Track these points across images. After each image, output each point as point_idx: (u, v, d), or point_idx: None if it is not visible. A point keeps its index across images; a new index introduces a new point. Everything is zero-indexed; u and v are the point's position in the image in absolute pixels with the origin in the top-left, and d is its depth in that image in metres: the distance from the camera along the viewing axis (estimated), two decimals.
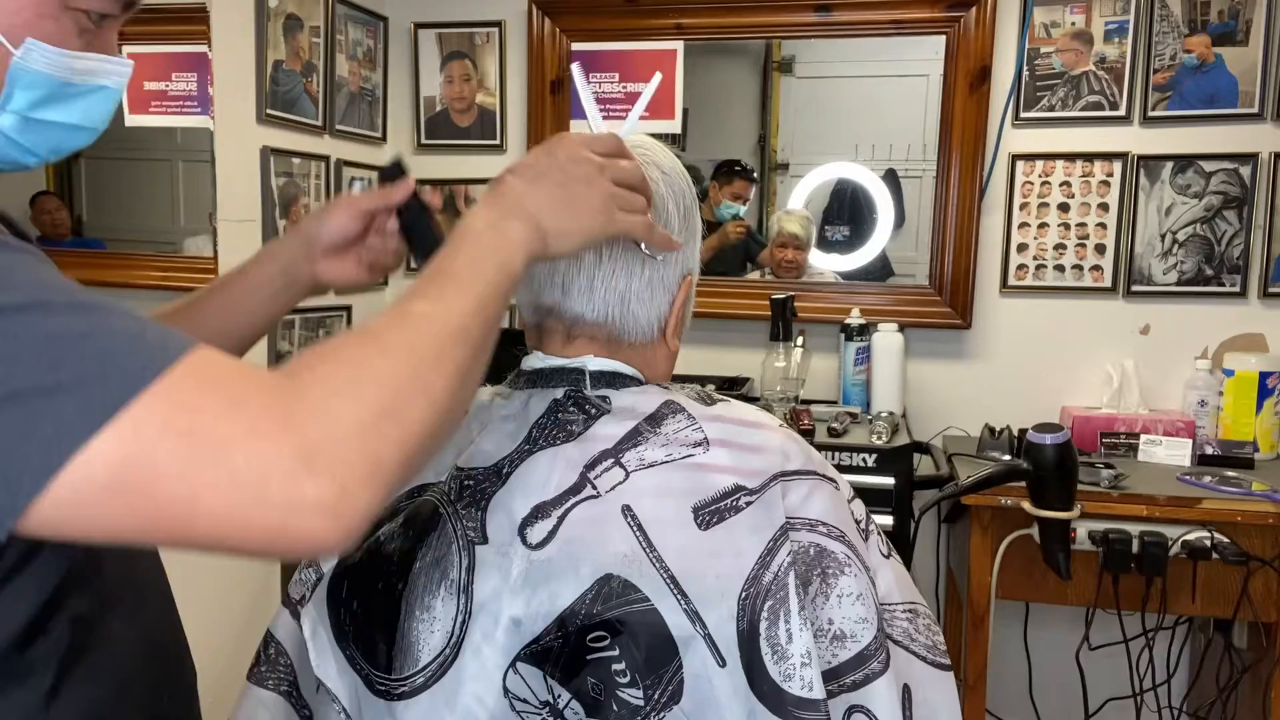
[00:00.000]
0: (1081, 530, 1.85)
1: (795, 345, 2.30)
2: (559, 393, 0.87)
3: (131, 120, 1.97)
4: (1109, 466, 1.97)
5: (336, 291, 1.02)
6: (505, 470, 0.84)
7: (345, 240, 0.97)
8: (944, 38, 2.38)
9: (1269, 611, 1.86)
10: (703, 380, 2.29)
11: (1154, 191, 2.33)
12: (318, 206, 1.02)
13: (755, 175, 2.63)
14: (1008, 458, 2.08)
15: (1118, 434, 2.18)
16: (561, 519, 0.80)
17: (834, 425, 2.10)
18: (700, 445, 0.83)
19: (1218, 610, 1.90)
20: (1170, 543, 1.83)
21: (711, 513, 0.80)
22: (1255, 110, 2.25)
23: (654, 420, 0.84)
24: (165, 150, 2.07)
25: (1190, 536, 1.83)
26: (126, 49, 2.17)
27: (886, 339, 2.32)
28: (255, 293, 0.98)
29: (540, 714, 0.79)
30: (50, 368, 0.53)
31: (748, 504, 0.81)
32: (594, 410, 0.85)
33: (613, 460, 0.82)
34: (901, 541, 1.96)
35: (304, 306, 2.29)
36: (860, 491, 0.95)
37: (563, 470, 0.82)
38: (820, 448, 1.53)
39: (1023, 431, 1.92)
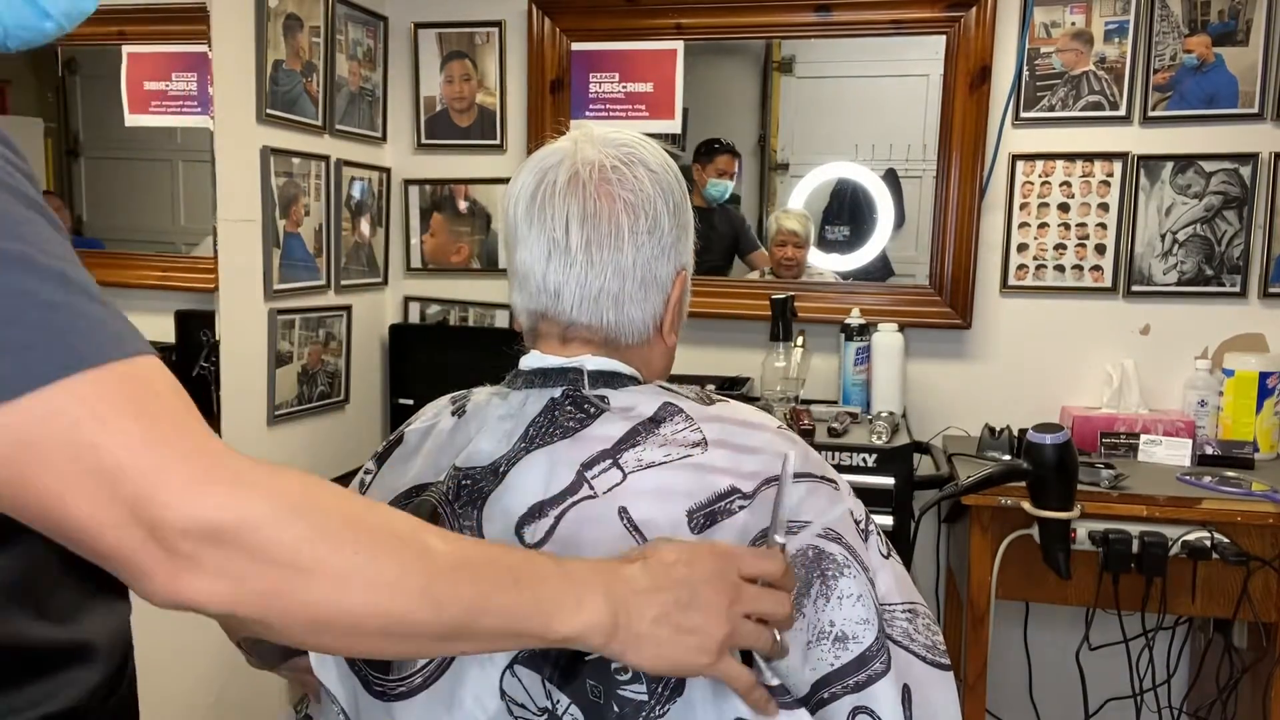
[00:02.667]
0: (1081, 530, 1.85)
1: (795, 345, 2.30)
2: (556, 392, 0.86)
3: (131, 120, 1.97)
4: (1109, 466, 1.97)
5: None
6: (502, 469, 0.84)
7: None
8: (944, 38, 2.37)
9: (1269, 611, 1.86)
10: (702, 380, 2.29)
11: (1154, 191, 2.33)
12: None
13: (736, 148, 2.59)
14: (1008, 458, 2.08)
15: (1118, 434, 2.17)
16: (559, 519, 0.80)
17: (834, 425, 2.10)
18: (698, 446, 0.83)
19: (1218, 610, 1.90)
20: (1170, 543, 1.82)
21: (706, 515, 0.80)
22: (1255, 110, 2.25)
23: (653, 421, 0.84)
24: (165, 150, 2.07)
25: (1190, 536, 1.83)
26: (126, 49, 2.15)
27: (886, 339, 2.32)
28: None
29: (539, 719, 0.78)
30: (2, 323, 0.52)
31: (741, 508, 0.81)
32: (592, 409, 0.85)
33: (610, 461, 0.82)
34: (901, 541, 1.96)
35: (303, 306, 2.31)
36: (860, 491, 0.95)
37: (559, 470, 0.82)
38: (820, 448, 1.53)
39: (1023, 431, 1.92)
